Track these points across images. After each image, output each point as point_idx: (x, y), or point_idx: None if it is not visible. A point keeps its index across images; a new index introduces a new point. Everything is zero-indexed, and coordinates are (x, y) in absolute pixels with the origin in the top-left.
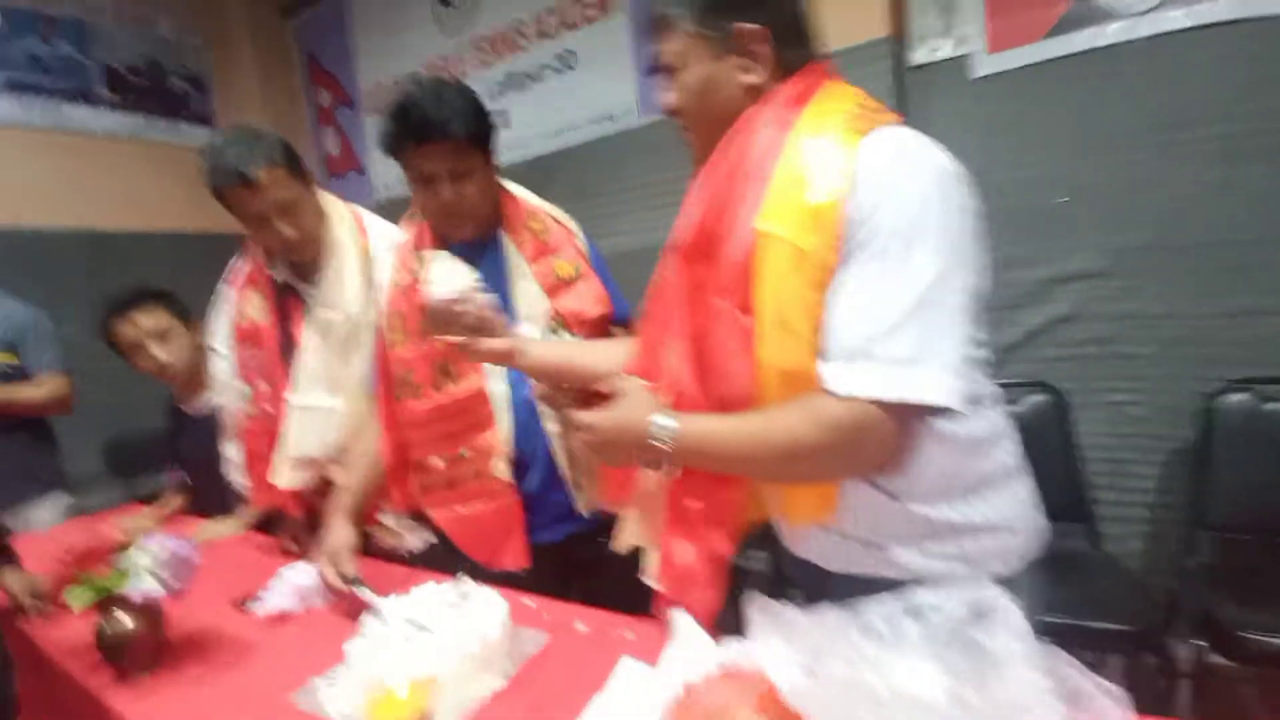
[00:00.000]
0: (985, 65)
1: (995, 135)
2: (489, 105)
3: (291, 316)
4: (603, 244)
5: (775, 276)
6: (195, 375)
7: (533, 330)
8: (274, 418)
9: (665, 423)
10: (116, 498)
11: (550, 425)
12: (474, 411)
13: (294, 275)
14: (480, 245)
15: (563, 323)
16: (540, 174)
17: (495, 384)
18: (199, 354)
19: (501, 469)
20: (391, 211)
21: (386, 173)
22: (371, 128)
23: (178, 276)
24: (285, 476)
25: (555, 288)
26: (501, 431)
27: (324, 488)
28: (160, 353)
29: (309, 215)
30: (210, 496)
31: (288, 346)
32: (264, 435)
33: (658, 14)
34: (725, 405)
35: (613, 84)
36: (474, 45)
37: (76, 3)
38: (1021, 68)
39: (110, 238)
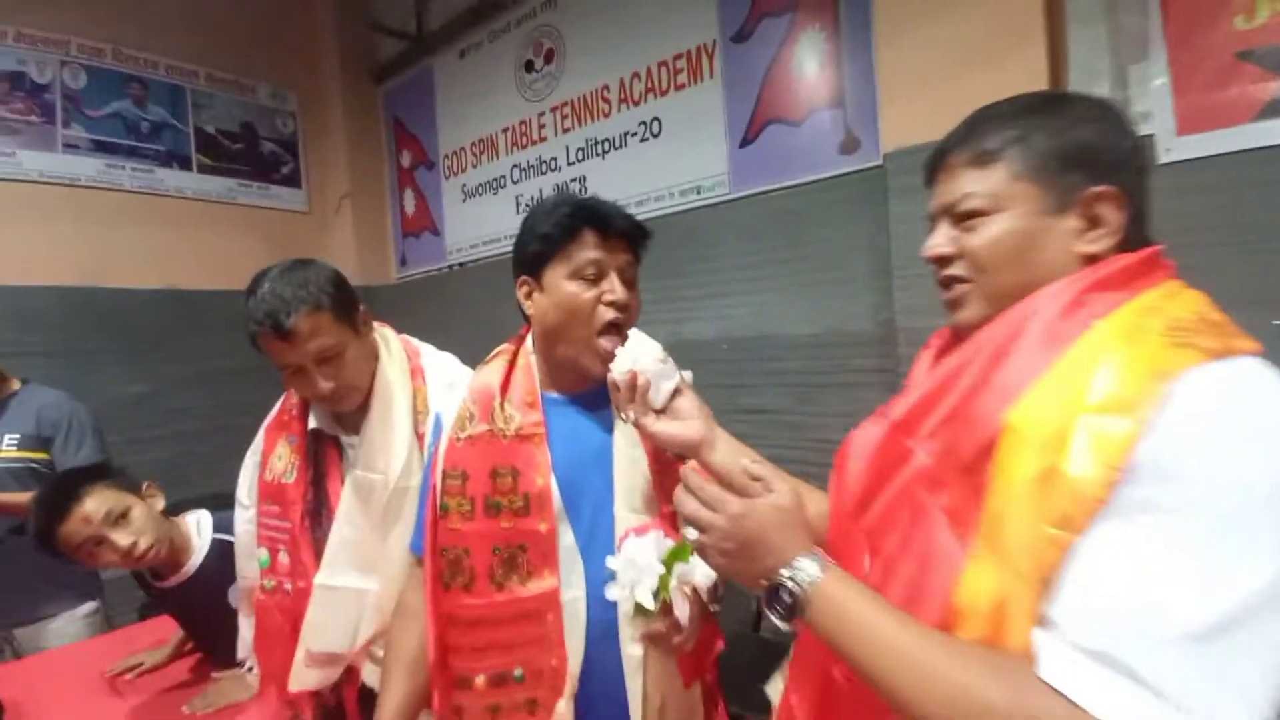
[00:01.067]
0: (1176, 149)
1: (1193, 232)
2: (563, 170)
3: (328, 473)
4: (681, 330)
5: (1013, 489)
6: (171, 548)
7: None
8: (295, 597)
9: (808, 566)
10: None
11: (631, 649)
12: (539, 621)
13: (334, 423)
14: (592, 396)
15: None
16: None
17: (569, 589)
18: (164, 524)
19: (563, 711)
20: (464, 278)
21: (461, 234)
22: (449, 190)
23: None
24: (302, 677)
25: (667, 465)
26: (572, 656)
27: (350, 677)
28: (127, 536)
29: (354, 364)
30: (220, 649)
31: (319, 510)
32: (281, 615)
33: (974, 147)
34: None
35: (701, 153)
36: (555, 111)
37: (171, 68)
38: (1223, 155)
39: (195, 296)
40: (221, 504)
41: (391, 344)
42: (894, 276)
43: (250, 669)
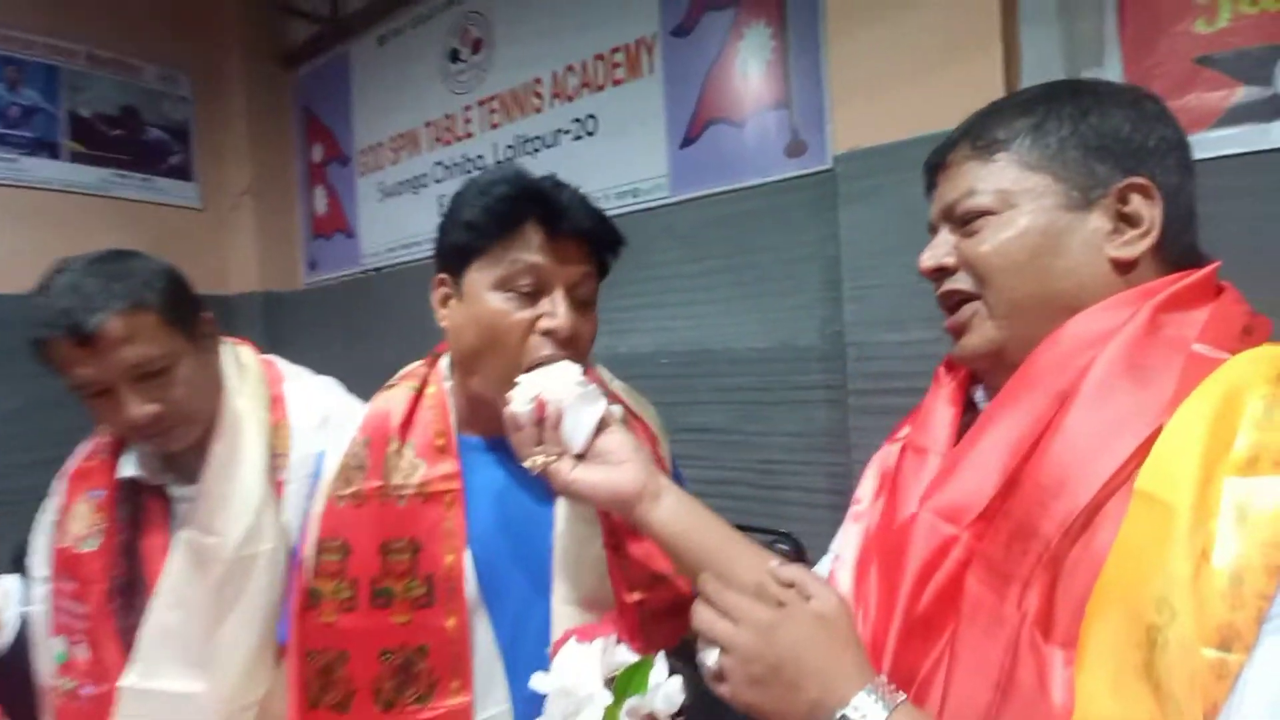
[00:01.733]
0: None
1: None
2: (492, 168)
3: (146, 537)
4: (616, 343)
5: (1157, 583)
6: None
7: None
8: (95, 705)
9: (874, 711)
10: None
11: None
12: None
13: (160, 468)
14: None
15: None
16: None
17: (487, 707)
18: None
19: None
20: (382, 285)
21: (378, 236)
22: (365, 188)
23: None
24: None
25: (629, 539)
26: None
27: None
28: None
29: (187, 386)
30: None
31: (131, 589)
32: None
33: (978, 138)
34: None
35: (640, 154)
36: (482, 105)
37: (48, 47)
38: None
39: None
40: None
41: (246, 366)
42: (844, 288)
43: None
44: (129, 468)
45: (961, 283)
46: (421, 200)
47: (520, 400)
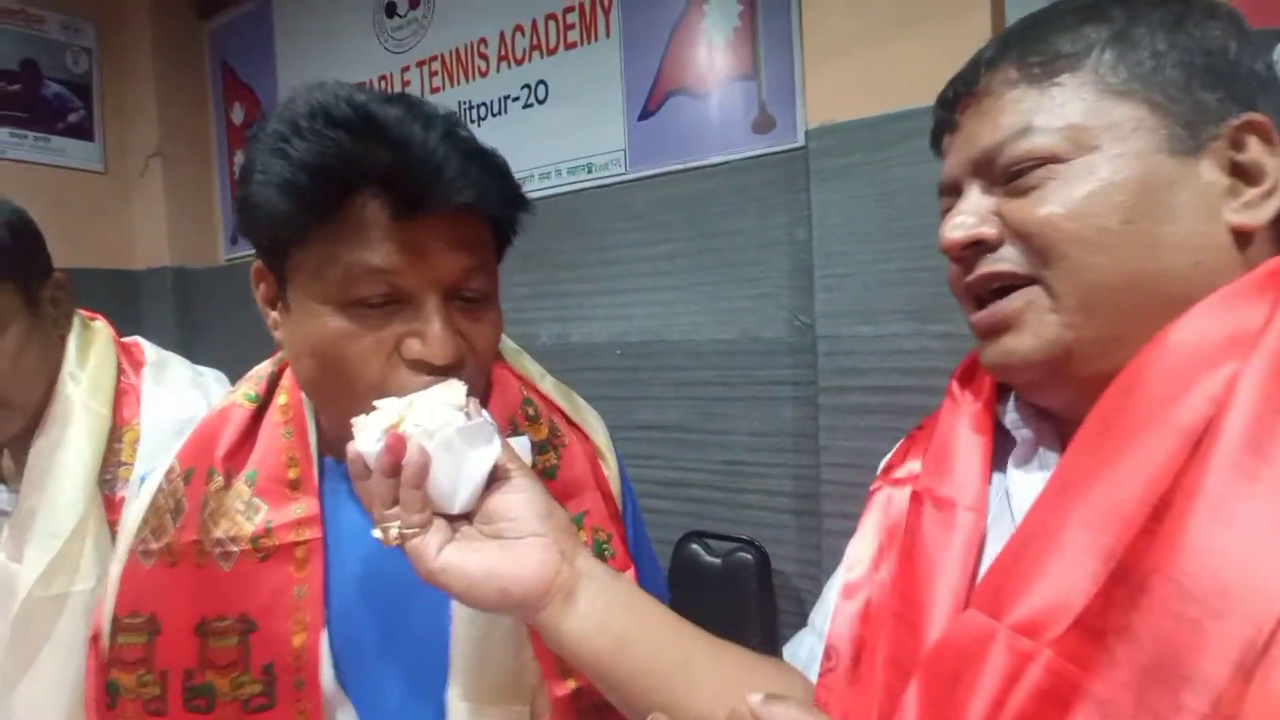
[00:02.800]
0: None
1: None
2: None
3: None
4: (568, 331)
5: None
6: None
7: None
8: None
9: None
10: None
11: None
12: None
13: None
14: None
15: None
16: None
17: None
18: None
19: None
20: None
21: None
22: None
23: None
24: None
25: None
26: None
27: None
28: None
29: (13, 356)
30: None
31: None
32: None
33: (1031, 53)
34: None
35: (594, 126)
36: (422, 66)
37: None
38: None
39: None
40: None
41: (93, 346)
42: (815, 275)
43: None
44: None
45: (1008, 261)
46: None
47: (368, 434)
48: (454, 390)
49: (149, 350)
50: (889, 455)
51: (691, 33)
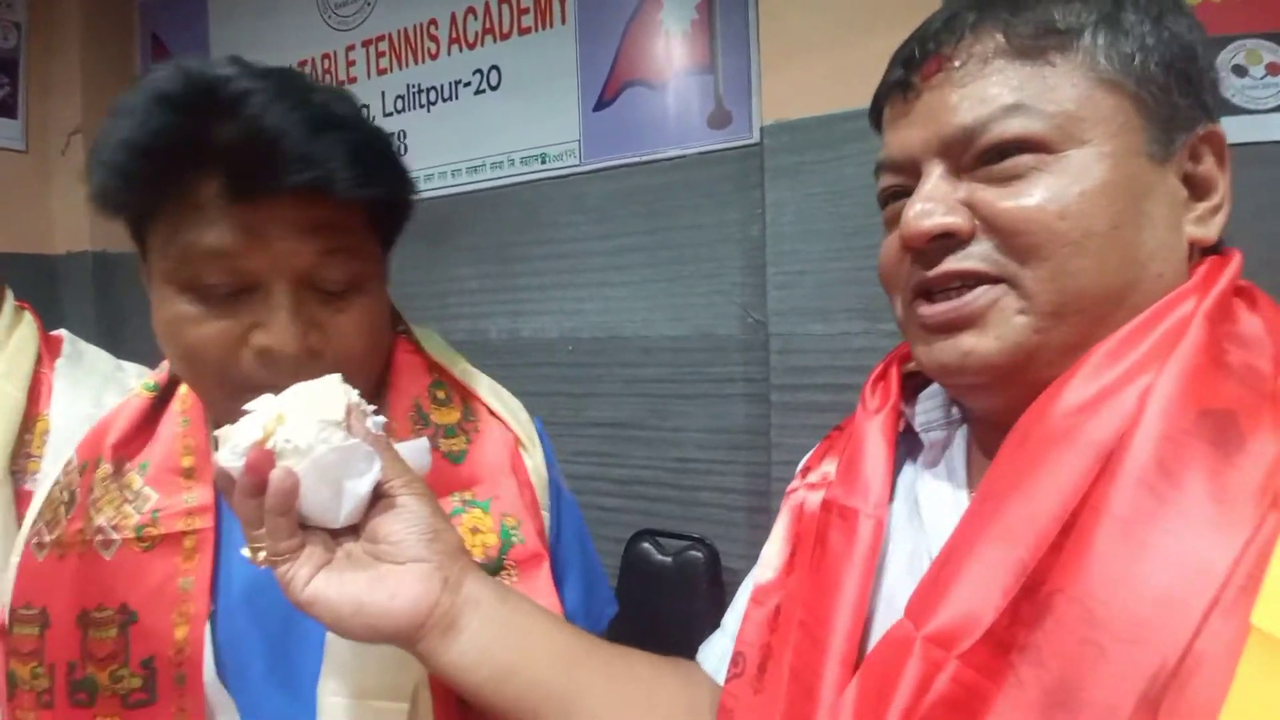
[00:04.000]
0: None
1: None
2: (377, 120)
3: None
4: (518, 326)
5: None
6: None
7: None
8: None
9: None
10: None
11: None
12: None
13: None
14: None
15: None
16: (441, 221)
17: None
18: None
19: None
20: None
21: None
22: None
23: None
24: None
25: None
26: None
27: None
28: None
29: None
30: None
31: None
32: None
33: (1022, 18)
34: None
35: (548, 115)
36: (368, 46)
37: None
38: None
39: None
40: None
41: (18, 332)
42: (768, 272)
43: None
44: None
45: (977, 259)
46: None
47: (232, 448)
48: (332, 392)
49: (67, 342)
50: (807, 456)
51: (648, 23)
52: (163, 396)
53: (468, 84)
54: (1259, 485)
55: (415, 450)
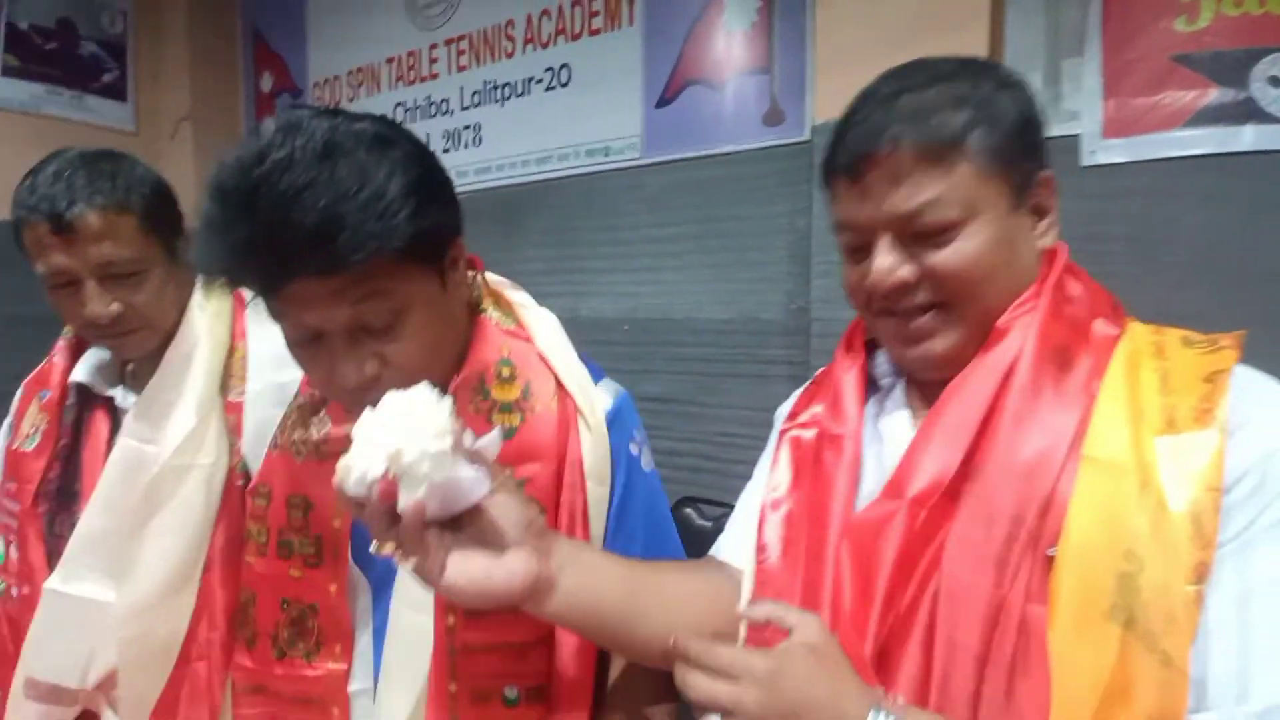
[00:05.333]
0: (1100, 151)
1: (1109, 240)
2: (456, 115)
3: (87, 444)
4: (579, 305)
5: (1122, 536)
6: None
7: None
8: (21, 606)
9: None
10: None
11: None
12: (322, 712)
13: (111, 377)
14: None
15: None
16: (511, 208)
17: (359, 678)
18: None
19: None
20: None
21: None
22: None
23: None
24: (21, 712)
25: None
26: None
27: None
28: None
29: (155, 293)
30: None
31: (67, 493)
32: (9, 628)
33: (927, 135)
34: (959, 705)
35: (613, 111)
36: (450, 45)
37: None
38: (1148, 161)
39: None
40: None
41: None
42: (812, 262)
43: None
44: (81, 373)
45: (924, 295)
46: None
47: (358, 479)
48: (428, 404)
49: (248, 293)
50: (792, 403)
51: (711, 25)
52: None
53: (539, 81)
54: (1081, 385)
55: (493, 442)
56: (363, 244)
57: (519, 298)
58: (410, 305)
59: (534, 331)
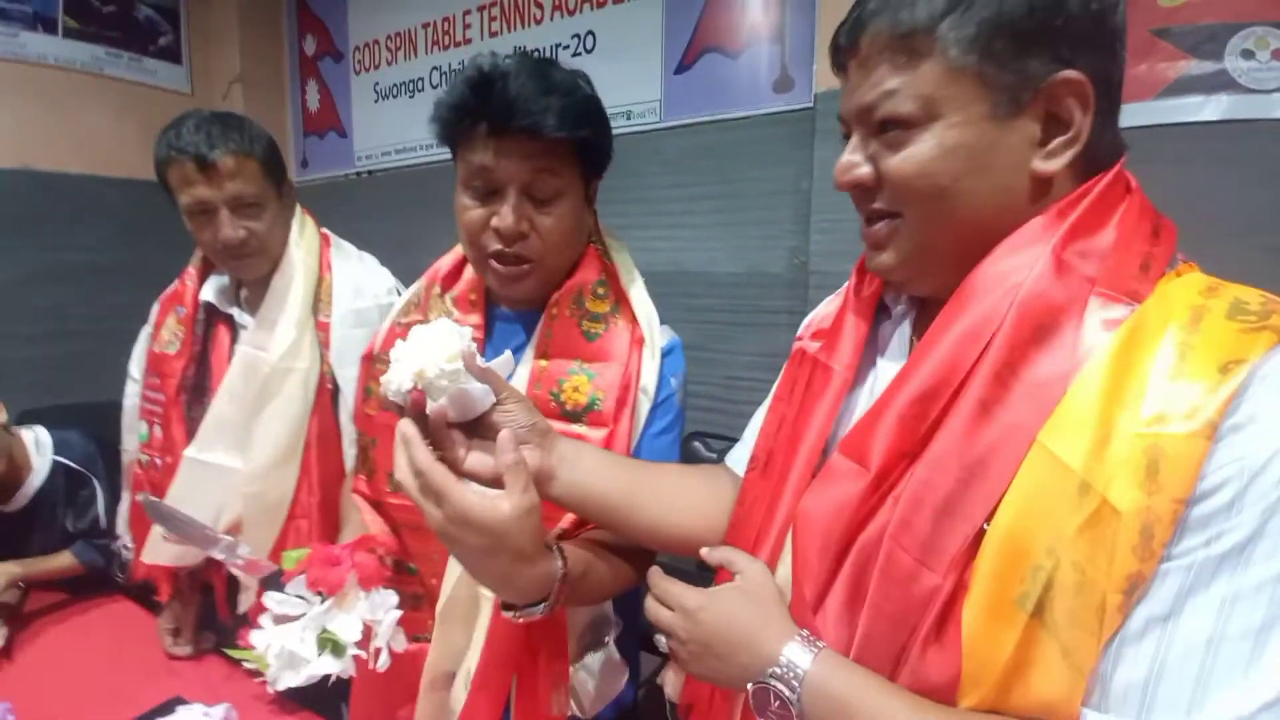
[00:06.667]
0: None
1: None
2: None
3: (214, 350)
4: None
5: (1046, 531)
6: (10, 463)
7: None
8: (164, 473)
9: (799, 659)
10: None
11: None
12: (428, 538)
13: (231, 299)
14: (529, 317)
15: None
16: None
17: None
18: (5, 438)
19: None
20: (373, 187)
21: (372, 138)
22: (360, 87)
23: (131, 226)
24: (156, 550)
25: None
26: (447, 581)
27: (217, 565)
28: None
29: (268, 225)
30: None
31: (199, 387)
32: (151, 489)
33: (893, 20)
34: (878, 664)
35: (634, 76)
36: (482, 11)
37: None
38: (1124, 129)
39: (55, 179)
40: (61, 419)
41: (306, 227)
42: (812, 220)
43: (125, 547)
44: (208, 293)
45: (881, 201)
46: (417, 104)
47: (395, 390)
48: (448, 335)
49: (333, 236)
50: (814, 313)
51: None
52: (465, 257)
53: (566, 47)
54: (1066, 370)
55: (504, 363)
56: (565, 126)
57: (615, 243)
58: (565, 193)
59: (620, 268)
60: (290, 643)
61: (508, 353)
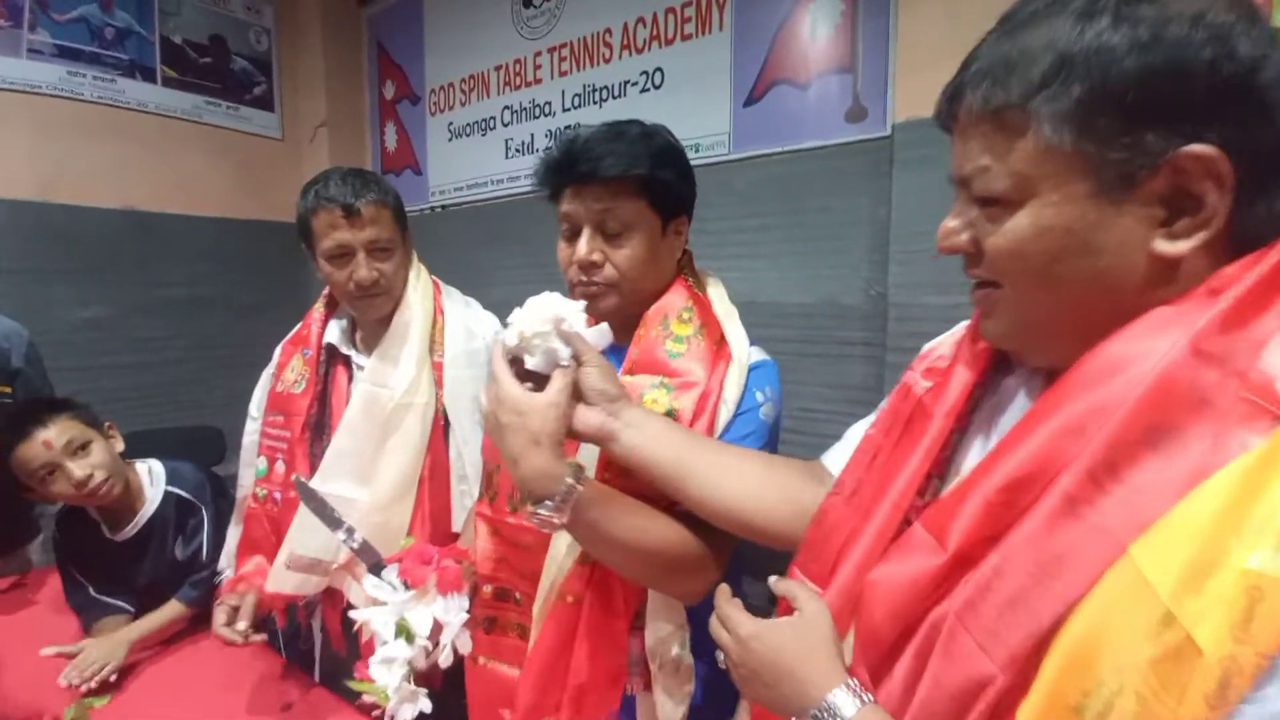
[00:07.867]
0: None
1: None
2: (558, 116)
3: (334, 390)
4: None
5: (1117, 651)
6: (126, 490)
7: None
8: (283, 507)
9: (843, 706)
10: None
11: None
12: (537, 557)
13: (349, 341)
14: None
15: None
16: None
17: (564, 536)
18: (121, 465)
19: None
20: (447, 221)
21: (445, 175)
22: (435, 127)
23: (223, 263)
24: (280, 578)
25: None
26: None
27: (332, 599)
28: (84, 468)
29: (396, 267)
30: (151, 606)
31: (320, 425)
32: (268, 523)
33: (989, 92)
34: None
35: (703, 110)
36: (552, 52)
37: None
38: None
39: (155, 219)
40: (170, 448)
41: (421, 273)
42: (891, 250)
43: (220, 577)
44: (332, 336)
45: (981, 270)
46: (489, 142)
47: (503, 344)
48: (553, 301)
49: (442, 284)
50: (927, 346)
51: (797, 26)
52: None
53: (635, 83)
54: (1184, 479)
55: (598, 333)
56: (619, 165)
57: (712, 279)
58: (635, 226)
59: (713, 298)
60: (377, 623)
61: (604, 324)
